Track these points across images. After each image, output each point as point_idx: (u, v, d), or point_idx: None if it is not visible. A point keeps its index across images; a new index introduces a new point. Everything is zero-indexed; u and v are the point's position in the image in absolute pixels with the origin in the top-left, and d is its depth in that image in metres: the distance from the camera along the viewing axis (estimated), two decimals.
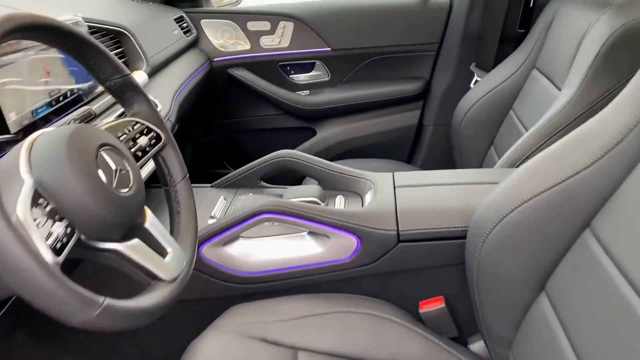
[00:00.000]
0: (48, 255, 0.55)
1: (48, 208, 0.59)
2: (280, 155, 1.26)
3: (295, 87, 1.96)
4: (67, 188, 0.61)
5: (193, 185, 1.38)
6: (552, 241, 0.75)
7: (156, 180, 0.91)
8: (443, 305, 1.04)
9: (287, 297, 1.05)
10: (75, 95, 1.09)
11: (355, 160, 1.77)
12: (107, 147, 0.69)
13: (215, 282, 1.07)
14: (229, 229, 1.05)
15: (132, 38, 1.36)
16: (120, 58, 1.35)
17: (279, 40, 1.87)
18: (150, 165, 1.23)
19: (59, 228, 0.59)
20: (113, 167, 0.68)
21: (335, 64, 1.92)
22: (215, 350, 0.91)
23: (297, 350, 0.93)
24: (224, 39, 1.88)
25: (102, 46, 0.76)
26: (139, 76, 1.34)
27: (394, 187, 1.14)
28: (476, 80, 1.76)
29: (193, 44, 1.83)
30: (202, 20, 1.86)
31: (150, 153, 0.82)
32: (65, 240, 0.59)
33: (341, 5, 1.86)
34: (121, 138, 0.77)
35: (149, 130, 0.83)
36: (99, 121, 0.98)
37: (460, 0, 1.76)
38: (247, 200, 1.21)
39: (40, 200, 0.59)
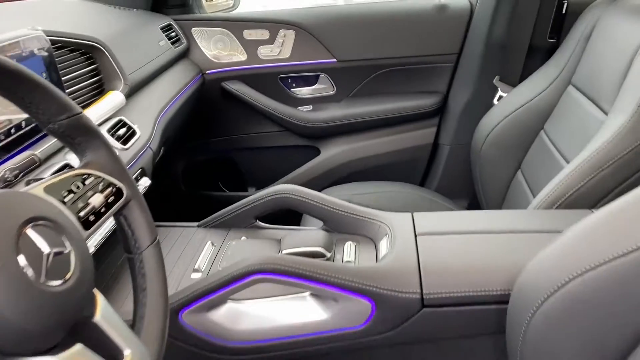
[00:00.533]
0: None
1: None
2: (279, 191, 1.07)
3: (296, 101, 1.77)
4: None
5: (177, 224, 1.20)
6: (625, 320, 0.58)
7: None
8: None
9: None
10: (33, 125, 0.90)
11: (362, 184, 1.58)
12: (36, 222, 0.50)
13: (197, 353, 0.88)
14: (215, 292, 0.86)
15: (107, 53, 1.17)
16: (93, 77, 1.17)
17: (278, 51, 1.68)
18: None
19: None
20: (44, 250, 0.49)
21: (342, 76, 1.73)
22: None
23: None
24: (217, 49, 1.70)
25: (39, 79, 0.57)
26: (115, 98, 1.15)
27: (415, 235, 0.95)
28: (500, 96, 1.56)
29: (183, 55, 1.65)
30: (193, 29, 1.67)
31: (106, 215, 0.63)
32: None
33: (348, 12, 1.67)
34: (67, 199, 0.58)
35: (107, 185, 0.64)
36: (43, 171, 0.79)
37: (483, 6, 1.56)
38: (239, 249, 1.02)
39: None
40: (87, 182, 0.62)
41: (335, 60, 1.69)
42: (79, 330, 0.54)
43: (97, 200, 0.62)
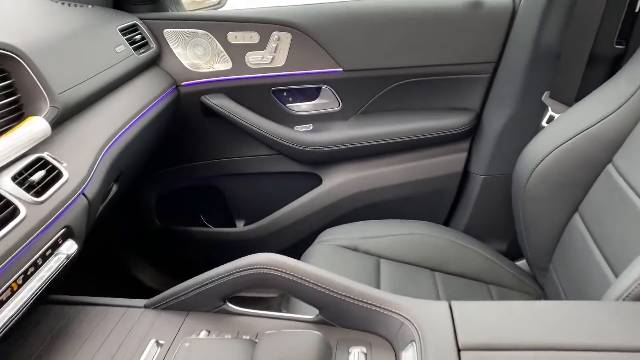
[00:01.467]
0: None
1: None
2: (256, 264, 0.74)
3: (294, 119, 1.44)
4: None
5: (116, 303, 0.88)
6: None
7: None
8: None
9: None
10: None
11: (373, 223, 1.26)
12: None
13: None
14: None
15: (25, 64, 0.85)
16: (6, 97, 0.84)
17: (271, 58, 1.36)
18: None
19: None
20: None
21: (349, 89, 1.40)
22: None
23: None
24: (195, 56, 1.37)
25: None
26: (34, 126, 0.83)
27: (458, 349, 0.62)
28: (551, 117, 1.23)
29: (151, 63, 1.33)
30: (165, 30, 1.35)
31: None
32: None
33: (357, 10, 1.33)
34: None
35: None
36: None
37: (529, 4, 1.23)
38: (195, 358, 0.69)
39: None
40: None
41: (341, 69, 1.36)
42: None
43: None
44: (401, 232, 1.23)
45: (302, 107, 1.45)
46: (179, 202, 1.59)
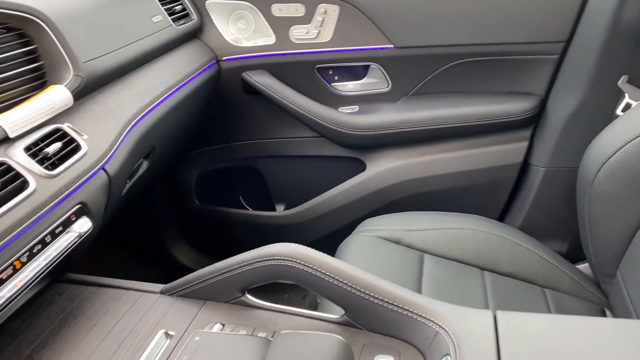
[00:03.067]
0: None
1: None
2: (277, 255, 0.67)
3: (338, 100, 1.35)
4: None
5: (132, 286, 0.83)
6: None
7: None
8: None
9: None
10: None
11: (419, 215, 1.16)
12: None
13: None
14: None
15: (48, 30, 0.81)
16: (29, 64, 0.81)
17: (317, 32, 1.27)
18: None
19: None
20: None
21: (400, 68, 1.29)
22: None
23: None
24: (238, 29, 1.30)
25: None
26: (54, 95, 0.78)
27: None
28: (627, 105, 1.08)
29: (192, 36, 1.27)
30: (207, 1, 1.29)
31: None
32: None
33: None
34: None
35: None
36: None
37: None
38: (201, 356, 0.62)
39: None
40: None
41: (392, 46, 1.26)
42: None
43: None
44: (449, 225, 1.12)
45: (348, 87, 1.35)
46: (219, 182, 1.54)
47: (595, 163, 1.00)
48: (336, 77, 1.35)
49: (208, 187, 1.54)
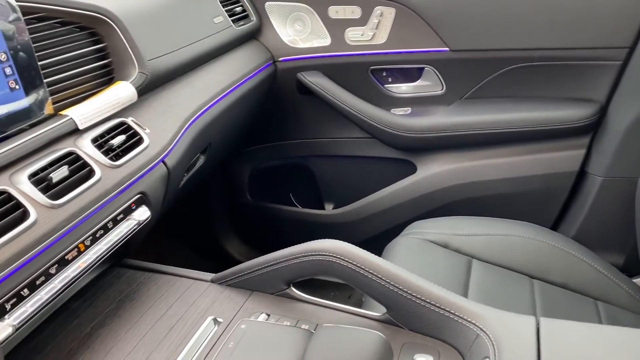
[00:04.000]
0: None
1: None
2: (323, 250, 0.69)
3: (391, 101, 1.36)
4: None
5: (185, 274, 0.87)
6: None
7: None
8: None
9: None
10: None
11: (469, 220, 1.15)
12: None
13: None
14: None
15: (117, 29, 0.86)
16: (99, 60, 0.86)
17: (372, 34, 1.28)
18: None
19: None
20: None
21: (455, 71, 1.29)
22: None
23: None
24: (295, 31, 1.34)
25: None
26: (120, 91, 0.83)
27: None
28: None
29: (250, 36, 1.31)
30: (267, 3, 1.32)
31: None
32: None
33: None
34: None
35: None
36: None
37: None
38: (245, 344, 0.65)
39: None
40: None
41: (447, 49, 1.25)
42: None
43: None
44: (499, 232, 1.10)
45: (402, 89, 1.36)
46: (271, 179, 1.58)
47: None
48: (390, 79, 1.36)
49: (260, 183, 1.58)
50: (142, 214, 0.79)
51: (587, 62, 1.18)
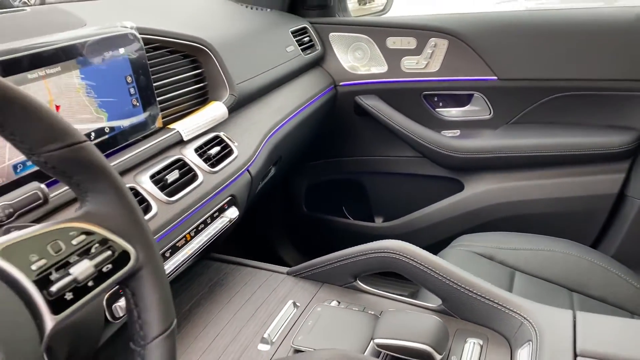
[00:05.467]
0: None
1: None
2: (387, 248, 0.81)
3: (441, 124, 1.48)
4: None
5: (264, 267, 1.00)
6: None
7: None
8: None
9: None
10: (106, 137, 0.78)
11: (513, 235, 1.24)
12: None
13: None
14: None
15: (213, 57, 1.02)
16: (197, 83, 1.02)
17: (425, 63, 1.41)
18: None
19: None
20: None
21: (502, 98, 1.40)
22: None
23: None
24: (355, 59, 1.48)
25: (19, 92, 0.40)
26: (215, 109, 0.99)
27: (575, 354, 0.62)
28: None
29: (315, 63, 1.46)
30: (331, 34, 1.48)
31: (92, 293, 0.43)
32: None
33: (518, 19, 1.33)
34: (37, 265, 0.40)
35: (105, 248, 0.45)
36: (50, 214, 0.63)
37: None
38: (322, 323, 0.78)
39: None
40: (74, 242, 0.43)
41: (495, 77, 1.37)
42: None
43: (82, 269, 0.42)
44: (541, 247, 1.20)
45: (452, 113, 1.48)
46: (326, 193, 1.71)
47: None
48: (441, 104, 1.48)
49: (316, 196, 1.71)
50: (233, 213, 0.93)
51: (627, 92, 1.27)
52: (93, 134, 0.78)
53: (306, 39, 1.42)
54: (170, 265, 0.78)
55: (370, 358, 0.67)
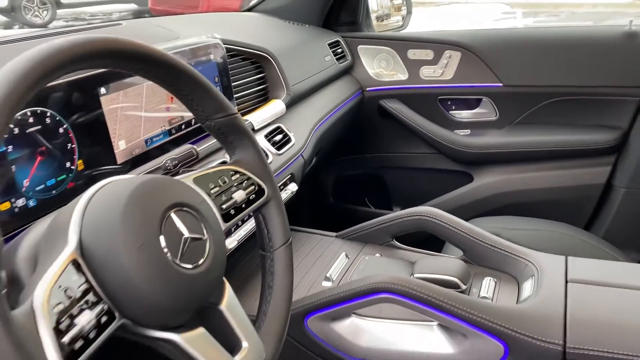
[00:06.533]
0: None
1: (82, 287, 0.46)
2: (420, 212, 1.04)
3: (454, 125, 1.71)
4: (113, 260, 0.48)
5: (316, 232, 1.23)
6: None
7: None
8: None
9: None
10: (199, 125, 1.00)
11: (516, 219, 1.46)
12: (181, 208, 0.54)
13: None
14: (341, 303, 0.86)
15: (274, 64, 1.25)
16: (260, 84, 1.25)
17: (441, 72, 1.65)
18: None
19: (87, 317, 0.45)
20: (184, 234, 0.53)
21: (506, 102, 1.63)
22: None
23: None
24: (380, 68, 1.72)
25: (202, 79, 0.63)
26: (276, 106, 1.22)
27: (566, 281, 0.85)
28: None
29: (346, 71, 1.69)
30: (359, 46, 1.72)
31: (246, 211, 0.66)
32: (92, 334, 0.45)
33: (522, 35, 1.57)
34: (213, 190, 0.63)
35: (250, 183, 0.68)
36: (200, 165, 0.86)
37: None
38: (371, 265, 1.00)
39: (75, 277, 0.46)
40: (233, 178, 0.66)
41: (501, 84, 1.60)
42: (204, 314, 0.57)
43: (239, 196, 0.65)
44: (541, 228, 1.42)
45: (463, 115, 1.71)
46: (350, 185, 1.94)
47: None
48: (454, 107, 1.71)
49: (342, 188, 1.94)
50: (293, 187, 1.15)
51: (612, 97, 1.51)
52: (193, 120, 1.01)
53: (339, 50, 1.65)
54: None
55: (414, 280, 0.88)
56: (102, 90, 0.77)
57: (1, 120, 0.42)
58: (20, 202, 0.64)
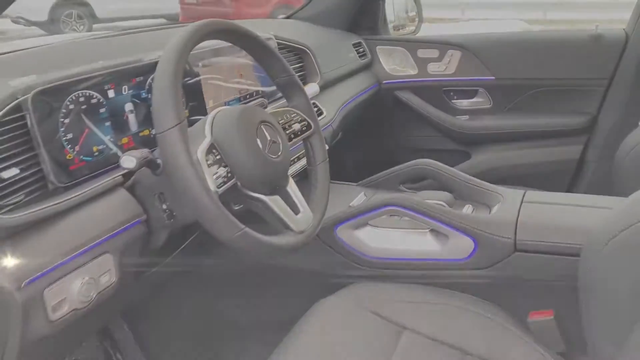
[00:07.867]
0: (212, 185, 0.78)
1: (218, 157, 0.83)
2: (421, 162, 1.39)
3: (456, 111, 2.06)
4: (233, 147, 0.85)
5: (342, 182, 1.58)
6: None
7: None
8: (552, 317, 1.06)
9: (405, 284, 1.15)
10: (259, 96, 1.36)
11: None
12: (266, 124, 0.91)
13: (344, 261, 1.24)
14: (359, 215, 1.21)
15: (311, 55, 1.62)
16: (299, 71, 1.62)
17: (445, 67, 2.00)
18: None
19: (222, 171, 0.82)
20: (268, 138, 0.90)
21: (498, 92, 1.98)
22: (334, 313, 1.06)
23: (404, 329, 1.02)
24: (394, 64, 2.08)
25: (275, 50, 1.00)
26: (312, 87, 1.59)
27: (522, 202, 1.19)
28: None
29: (366, 67, 2.06)
30: (377, 47, 2.08)
31: (300, 137, 1.03)
32: (225, 180, 0.82)
33: (508, 37, 1.94)
34: (280, 121, 0.99)
35: (303, 120, 1.04)
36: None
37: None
38: (383, 196, 1.36)
39: (214, 151, 0.83)
40: (292, 116, 1.03)
41: (493, 77, 1.95)
42: (278, 191, 0.94)
43: (296, 127, 1.02)
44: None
45: (463, 103, 2.06)
46: (364, 164, 2.29)
47: (624, 151, 1.60)
48: (455, 97, 2.06)
49: (357, 166, 2.29)
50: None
51: (584, 87, 1.85)
52: (255, 92, 1.38)
53: (361, 49, 2.02)
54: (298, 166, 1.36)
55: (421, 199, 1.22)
56: (201, 64, 1.15)
57: (182, 60, 0.79)
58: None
